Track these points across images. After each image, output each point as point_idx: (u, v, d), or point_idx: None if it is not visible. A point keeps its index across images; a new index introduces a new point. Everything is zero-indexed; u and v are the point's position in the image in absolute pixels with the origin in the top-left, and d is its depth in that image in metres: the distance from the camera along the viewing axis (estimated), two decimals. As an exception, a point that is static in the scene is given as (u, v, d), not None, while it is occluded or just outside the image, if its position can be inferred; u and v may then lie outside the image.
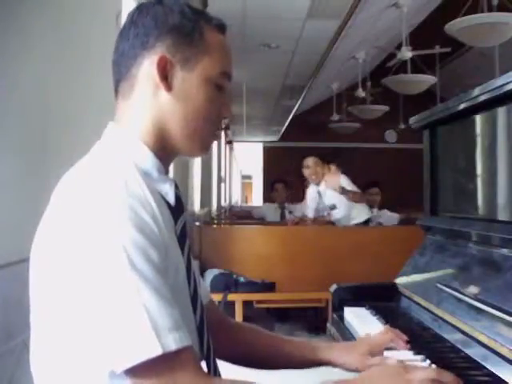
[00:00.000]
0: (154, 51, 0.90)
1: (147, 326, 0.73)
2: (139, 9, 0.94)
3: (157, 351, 0.72)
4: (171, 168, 1.10)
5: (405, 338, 1.19)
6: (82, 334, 0.76)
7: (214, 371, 0.97)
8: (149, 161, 0.91)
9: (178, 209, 0.94)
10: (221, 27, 0.97)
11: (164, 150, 0.94)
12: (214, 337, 1.02)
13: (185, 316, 0.83)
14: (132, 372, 0.73)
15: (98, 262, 0.75)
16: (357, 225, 4.99)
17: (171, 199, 0.92)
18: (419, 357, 1.16)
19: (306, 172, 4.92)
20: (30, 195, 1.21)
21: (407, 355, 1.16)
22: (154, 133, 0.92)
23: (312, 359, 1.14)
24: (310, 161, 4.88)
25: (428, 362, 1.14)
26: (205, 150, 0.99)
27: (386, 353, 1.15)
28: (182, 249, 0.93)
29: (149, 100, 0.92)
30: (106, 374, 0.76)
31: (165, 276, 0.79)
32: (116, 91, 0.96)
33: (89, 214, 0.77)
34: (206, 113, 0.93)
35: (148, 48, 0.90)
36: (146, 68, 0.91)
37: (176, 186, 0.96)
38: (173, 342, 0.74)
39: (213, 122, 0.96)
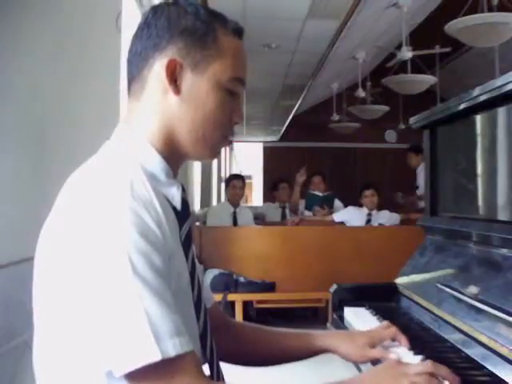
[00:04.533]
0: (165, 53, 0.90)
1: (147, 332, 0.72)
2: (154, 9, 0.93)
3: (156, 357, 0.72)
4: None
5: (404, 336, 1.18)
6: (84, 336, 0.76)
7: (218, 376, 0.97)
8: (156, 164, 0.90)
9: (183, 213, 0.93)
10: (237, 31, 0.95)
11: (172, 153, 0.93)
12: (216, 339, 1.01)
13: (187, 322, 0.82)
14: (131, 376, 0.73)
15: (101, 267, 0.74)
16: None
17: (177, 204, 0.91)
18: (419, 357, 1.16)
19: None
20: (30, 195, 1.21)
21: (407, 355, 1.16)
22: (162, 136, 0.91)
23: (313, 348, 1.15)
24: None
25: (428, 362, 1.14)
26: (214, 154, 0.98)
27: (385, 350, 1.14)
28: (187, 254, 0.92)
29: (158, 102, 0.91)
30: (105, 377, 0.76)
31: (167, 281, 0.79)
32: (128, 91, 0.95)
33: (93, 217, 0.77)
34: (216, 118, 0.92)
35: (160, 50, 0.90)
36: (157, 70, 0.90)
37: (183, 190, 0.94)
38: (173, 348, 0.73)
39: (222, 127, 0.94)
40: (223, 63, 0.92)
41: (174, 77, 0.90)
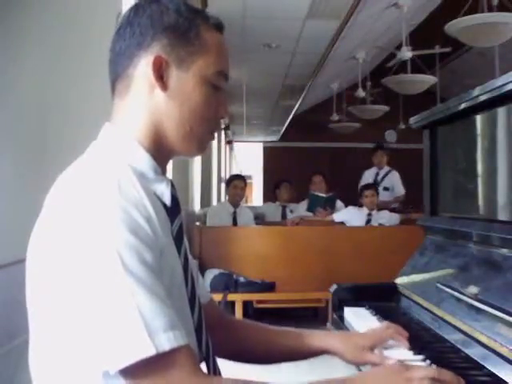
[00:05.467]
0: (150, 51, 0.90)
1: (140, 327, 0.73)
2: (135, 8, 0.93)
3: (150, 351, 0.72)
4: (170, 168, 1.10)
5: (406, 333, 1.18)
6: (78, 335, 0.76)
7: (214, 371, 0.97)
8: (144, 161, 0.90)
9: (174, 209, 0.93)
10: (218, 26, 0.96)
11: (160, 149, 0.93)
12: (212, 334, 1.02)
13: (182, 317, 0.83)
14: (127, 372, 0.73)
15: (92, 265, 0.75)
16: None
17: (167, 200, 0.92)
18: (419, 357, 1.16)
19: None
20: (30, 195, 1.21)
21: (407, 355, 1.16)
22: (149, 133, 0.92)
23: (311, 348, 1.14)
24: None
25: (428, 362, 1.14)
26: (201, 149, 0.98)
27: (385, 352, 1.14)
28: (179, 249, 0.93)
29: (145, 100, 0.91)
30: (101, 375, 0.76)
31: (159, 277, 0.79)
32: (112, 91, 0.95)
33: (82, 216, 0.77)
34: (202, 113, 0.93)
35: (144, 48, 0.90)
36: (142, 68, 0.91)
37: (172, 186, 0.95)
38: (167, 342, 0.74)
39: (209, 122, 0.96)
40: (207, 58, 0.93)
41: (160, 73, 0.90)
